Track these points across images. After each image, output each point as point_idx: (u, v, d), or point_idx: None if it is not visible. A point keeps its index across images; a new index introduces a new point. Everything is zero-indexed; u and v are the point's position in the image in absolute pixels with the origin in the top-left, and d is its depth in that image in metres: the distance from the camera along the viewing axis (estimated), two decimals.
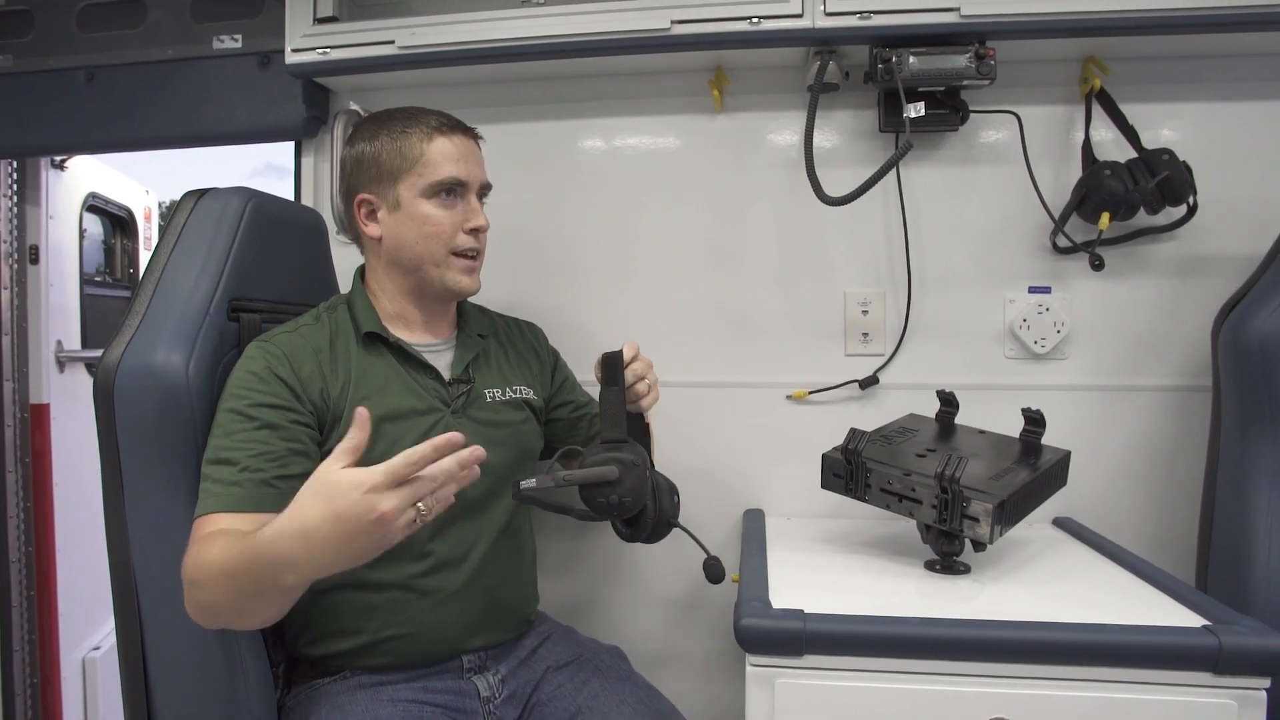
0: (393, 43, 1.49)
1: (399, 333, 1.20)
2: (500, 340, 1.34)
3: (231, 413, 1.03)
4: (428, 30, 1.47)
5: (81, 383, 2.22)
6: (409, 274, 1.20)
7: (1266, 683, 0.91)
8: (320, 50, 1.52)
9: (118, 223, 2.59)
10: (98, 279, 2.43)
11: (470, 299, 1.28)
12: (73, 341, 2.21)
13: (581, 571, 1.64)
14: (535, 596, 1.32)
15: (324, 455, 0.95)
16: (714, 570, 1.12)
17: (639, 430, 1.15)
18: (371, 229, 1.19)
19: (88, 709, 2.18)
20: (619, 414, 1.07)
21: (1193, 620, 0.97)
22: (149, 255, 2.63)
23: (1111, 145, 1.46)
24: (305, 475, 0.85)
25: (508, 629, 1.22)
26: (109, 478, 1.08)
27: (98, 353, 2.21)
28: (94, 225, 2.46)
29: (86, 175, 2.29)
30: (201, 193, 1.21)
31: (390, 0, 1.62)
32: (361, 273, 1.26)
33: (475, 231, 1.19)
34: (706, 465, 1.59)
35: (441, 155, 1.17)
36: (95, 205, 2.37)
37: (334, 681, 1.11)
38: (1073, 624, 0.94)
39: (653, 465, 1.13)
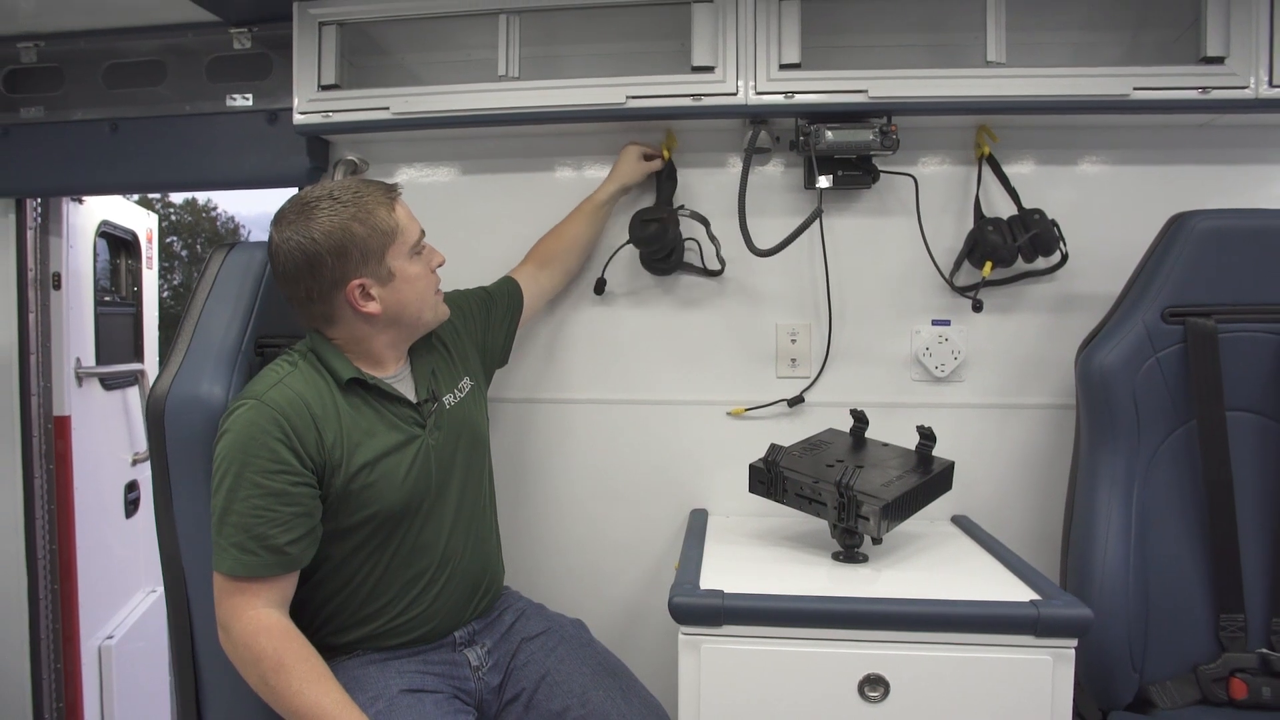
0: (388, 109, 1.72)
1: (371, 371, 1.32)
2: (434, 343, 1.46)
3: (239, 478, 1.17)
4: (419, 99, 1.71)
5: (98, 396, 2.45)
6: (405, 328, 1.34)
7: (1074, 642, 1.18)
8: (323, 114, 1.75)
9: (123, 245, 2.79)
10: (107, 299, 2.64)
11: None
12: (89, 358, 2.42)
13: (552, 562, 1.89)
14: (503, 571, 1.56)
15: (324, 500, 1.23)
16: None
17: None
18: (370, 307, 1.27)
19: (104, 692, 2.40)
20: (669, 195, 1.73)
21: (1027, 596, 1.24)
22: (151, 274, 2.87)
23: (1001, 201, 1.73)
24: (309, 533, 1.18)
25: (487, 599, 1.46)
26: (159, 486, 1.31)
27: (111, 368, 2.46)
28: (100, 247, 2.66)
29: (99, 204, 2.49)
30: (230, 246, 1.45)
31: (386, 66, 1.86)
32: (318, 333, 1.33)
33: (438, 268, 1.38)
34: (658, 471, 1.85)
35: (408, 218, 1.31)
36: (106, 231, 2.57)
37: (348, 659, 1.33)
38: (930, 599, 1.22)
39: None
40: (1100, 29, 1.73)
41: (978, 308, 1.69)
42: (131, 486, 2.64)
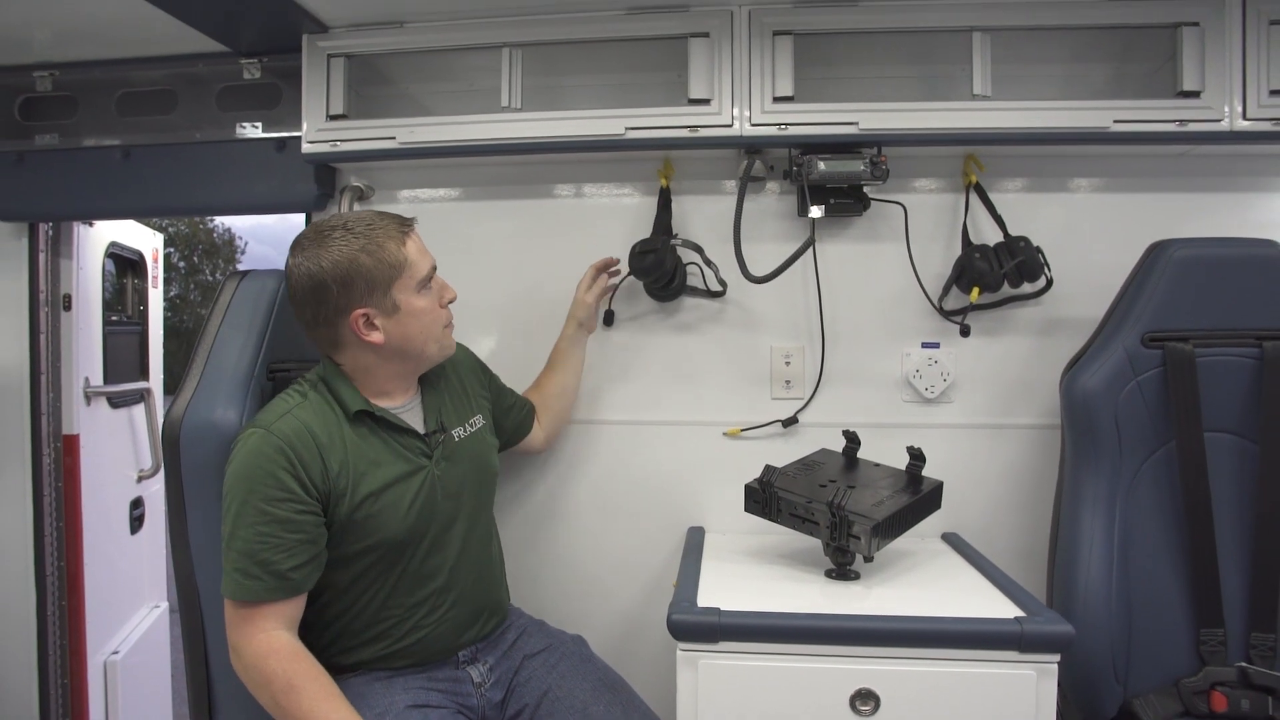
0: (394, 138, 1.77)
1: (380, 401, 1.38)
2: (449, 377, 1.53)
3: (245, 505, 1.22)
4: (424, 129, 1.76)
5: (105, 414, 2.49)
6: (410, 360, 1.38)
7: (1057, 657, 1.23)
8: (331, 143, 1.80)
9: (129, 264, 2.84)
10: (114, 318, 2.68)
11: None
12: (96, 377, 2.46)
13: (553, 580, 1.93)
14: (507, 593, 1.61)
15: (329, 527, 1.28)
16: None
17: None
18: (374, 336, 1.31)
19: (109, 707, 2.43)
20: (666, 224, 1.79)
21: (1012, 612, 1.29)
22: (157, 293, 2.92)
23: (988, 228, 1.79)
24: (313, 559, 1.23)
25: (492, 623, 1.51)
26: (174, 508, 1.36)
27: (119, 387, 2.50)
28: (108, 266, 2.71)
29: (108, 226, 2.54)
30: (243, 274, 1.50)
31: (392, 96, 1.92)
32: (330, 359, 1.38)
33: (450, 303, 1.42)
34: (657, 489, 1.90)
35: (418, 253, 1.34)
36: (114, 252, 2.62)
37: (354, 676, 1.37)
38: (918, 616, 1.27)
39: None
40: (1082, 62, 1.79)
41: (965, 332, 1.75)
42: (136, 503, 2.68)
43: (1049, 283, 1.76)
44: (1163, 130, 1.63)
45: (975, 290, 1.71)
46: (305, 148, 1.82)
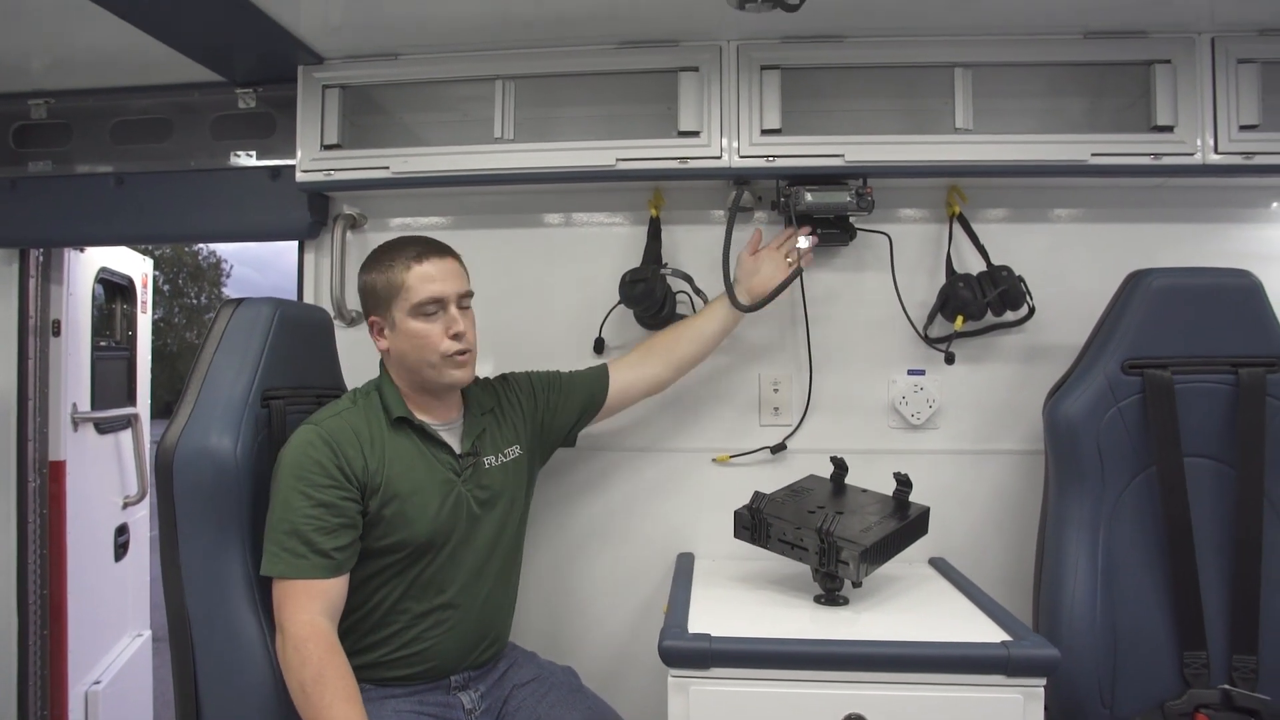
0: (388, 168, 1.80)
1: (420, 415, 1.48)
2: (502, 406, 1.60)
3: (294, 490, 1.32)
4: (417, 160, 1.79)
5: (92, 440, 2.47)
6: (414, 374, 1.46)
7: (1043, 681, 1.24)
8: (325, 172, 1.82)
9: (119, 289, 2.83)
10: (102, 343, 2.67)
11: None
12: (84, 402, 2.45)
13: (544, 606, 1.93)
14: (509, 632, 1.61)
15: (364, 515, 1.34)
16: None
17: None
18: (381, 344, 1.47)
19: None
20: (656, 253, 1.82)
21: (999, 637, 1.31)
22: (145, 318, 2.92)
23: (971, 257, 1.83)
24: (352, 543, 1.29)
25: (490, 652, 1.51)
26: (166, 536, 1.35)
27: (106, 413, 2.49)
28: (97, 292, 2.71)
29: (99, 251, 2.54)
30: (238, 302, 1.51)
31: (386, 125, 1.95)
32: (383, 365, 1.52)
33: (457, 336, 1.44)
34: (647, 515, 1.91)
35: (419, 280, 1.41)
36: (104, 277, 2.62)
37: None
38: (906, 641, 1.28)
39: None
40: (1061, 96, 1.84)
41: (950, 360, 1.78)
42: (121, 530, 2.66)
43: (1031, 311, 1.80)
44: (1138, 163, 1.68)
45: (959, 318, 1.75)
46: (299, 176, 1.84)
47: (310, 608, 1.28)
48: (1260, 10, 1.62)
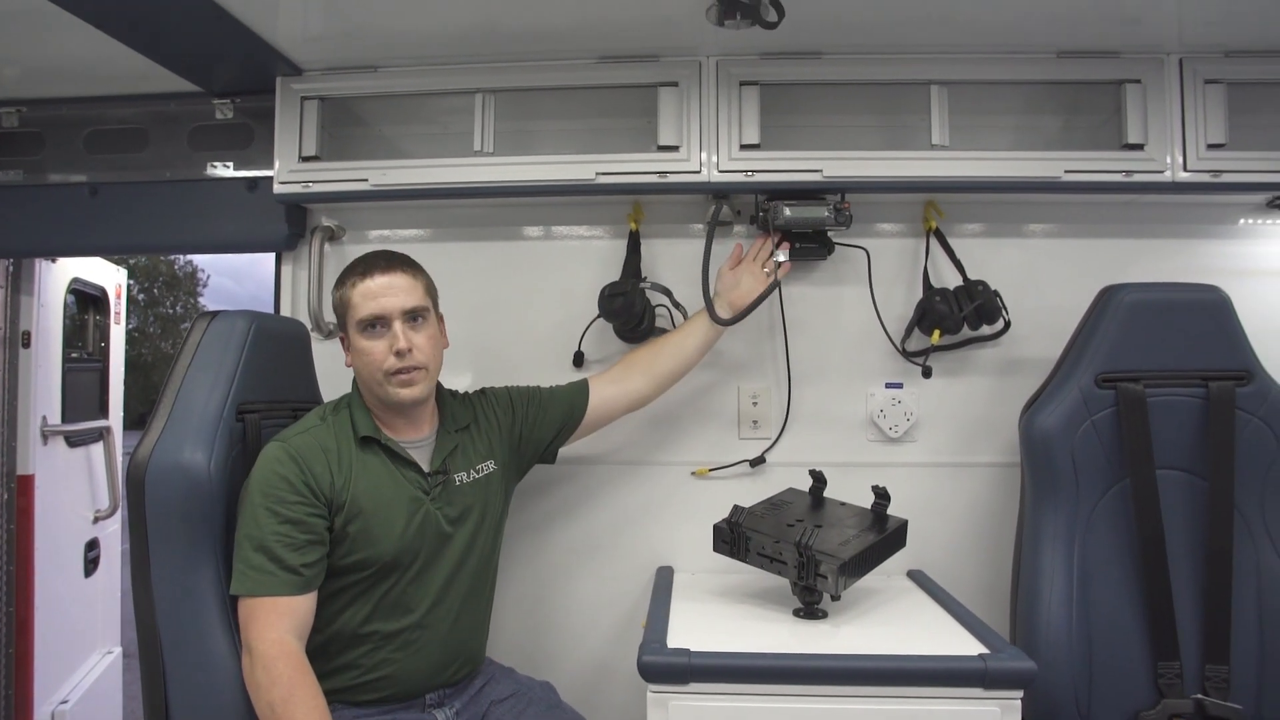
0: (366, 180, 1.79)
1: (389, 433, 1.46)
2: (477, 421, 1.58)
3: (262, 507, 1.30)
4: (396, 172, 1.78)
5: (62, 454, 2.43)
6: (369, 392, 1.46)
7: (1020, 693, 1.25)
8: (303, 184, 1.81)
9: (91, 300, 2.80)
10: (74, 355, 2.64)
11: (446, 388, 1.58)
12: (54, 415, 2.41)
13: (522, 622, 1.92)
14: (483, 650, 1.59)
15: (331, 532, 1.32)
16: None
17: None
18: (348, 359, 1.47)
19: None
20: (635, 267, 1.82)
21: (976, 649, 1.31)
22: (119, 329, 2.87)
23: (948, 271, 1.85)
24: (320, 560, 1.27)
25: (464, 672, 1.50)
26: (138, 552, 1.33)
27: (77, 426, 2.45)
28: (69, 302, 2.67)
29: (72, 262, 2.51)
30: (213, 315, 1.49)
31: (365, 137, 1.94)
32: (355, 380, 1.50)
33: (400, 353, 1.39)
34: (626, 529, 1.91)
35: (361, 297, 1.41)
36: (76, 288, 2.59)
37: None
38: (884, 655, 1.28)
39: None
40: (1035, 114, 1.87)
41: (927, 373, 1.80)
42: (91, 545, 2.61)
43: (1007, 325, 1.82)
44: (1110, 180, 1.71)
45: (936, 332, 1.76)
46: (277, 188, 1.83)
47: (278, 625, 1.26)
48: (1226, 33, 1.65)
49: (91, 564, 2.61)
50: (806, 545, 1.41)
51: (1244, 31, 1.65)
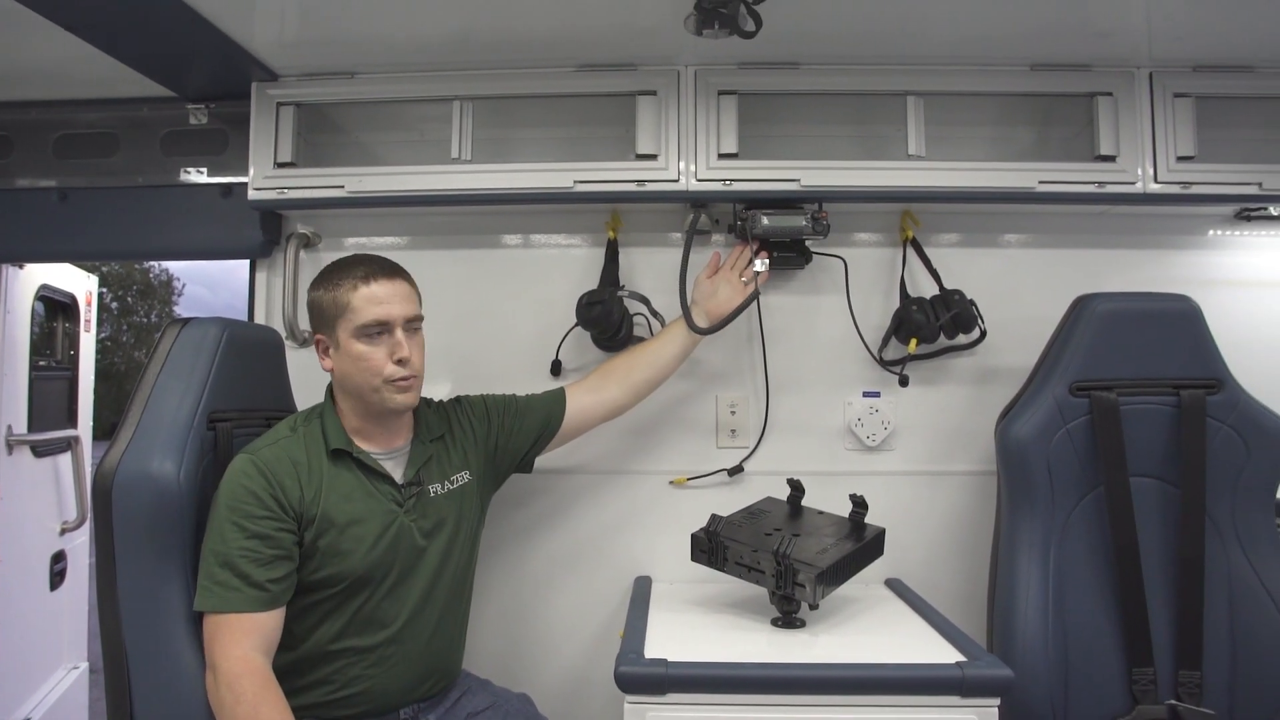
0: (343, 187, 1.77)
1: (361, 443, 1.43)
2: (452, 431, 1.56)
3: (228, 521, 1.27)
4: (373, 179, 1.77)
5: (28, 463, 2.38)
6: (357, 398, 1.41)
7: (997, 701, 1.25)
8: (279, 190, 1.79)
9: (61, 307, 2.74)
10: (41, 363, 2.58)
11: (422, 396, 1.54)
12: (20, 424, 2.36)
13: (499, 633, 1.90)
14: (460, 663, 1.57)
15: (300, 547, 1.29)
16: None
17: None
18: (325, 363, 1.43)
19: None
20: (613, 275, 1.82)
21: (953, 657, 1.32)
22: (89, 337, 2.82)
23: (925, 281, 1.86)
24: (288, 575, 1.23)
25: (440, 685, 1.48)
26: (104, 564, 1.30)
27: (44, 435, 2.40)
28: (36, 309, 2.62)
29: (40, 268, 2.46)
30: (184, 322, 1.47)
31: (341, 144, 1.92)
32: (330, 389, 1.49)
33: (402, 361, 1.39)
34: (603, 538, 1.90)
35: (364, 302, 1.37)
36: (45, 295, 2.54)
37: None
38: (862, 664, 1.28)
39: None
40: (1010, 125, 1.90)
41: (904, 382, 1.81)
42: (58, 557, 2.56)
43: (982, 334, 1.83)
44: (1083, 191, 1.73)
45: (913, 341, 1.78)
46: (251, 194, 1.80)
47: (244, 643, 1.23)
48: (1195, 48, 1.68)
49: (58, 577, 2.55)
50: (784, 554, 1.41)
51: (1211, 47, 1.68)
